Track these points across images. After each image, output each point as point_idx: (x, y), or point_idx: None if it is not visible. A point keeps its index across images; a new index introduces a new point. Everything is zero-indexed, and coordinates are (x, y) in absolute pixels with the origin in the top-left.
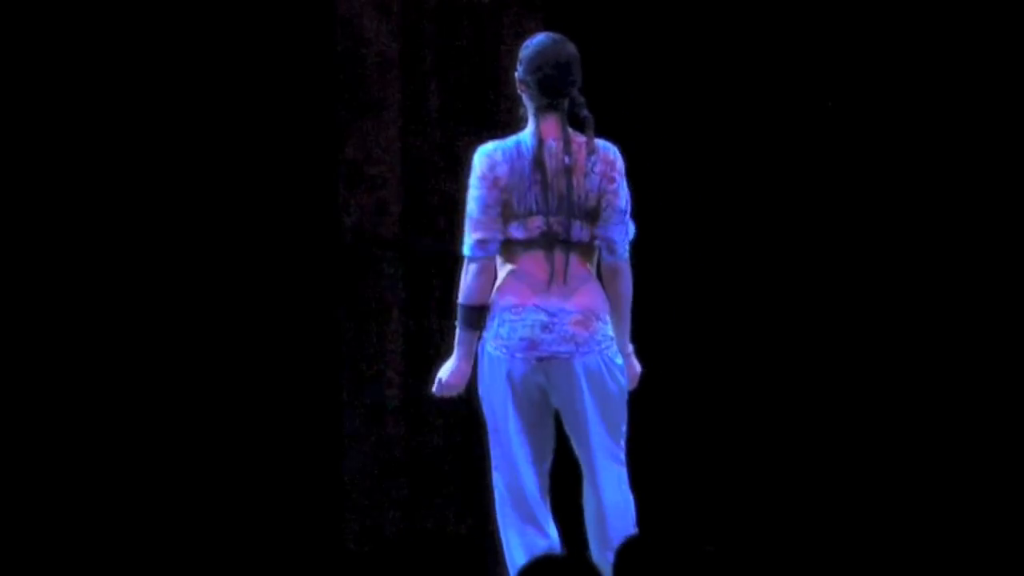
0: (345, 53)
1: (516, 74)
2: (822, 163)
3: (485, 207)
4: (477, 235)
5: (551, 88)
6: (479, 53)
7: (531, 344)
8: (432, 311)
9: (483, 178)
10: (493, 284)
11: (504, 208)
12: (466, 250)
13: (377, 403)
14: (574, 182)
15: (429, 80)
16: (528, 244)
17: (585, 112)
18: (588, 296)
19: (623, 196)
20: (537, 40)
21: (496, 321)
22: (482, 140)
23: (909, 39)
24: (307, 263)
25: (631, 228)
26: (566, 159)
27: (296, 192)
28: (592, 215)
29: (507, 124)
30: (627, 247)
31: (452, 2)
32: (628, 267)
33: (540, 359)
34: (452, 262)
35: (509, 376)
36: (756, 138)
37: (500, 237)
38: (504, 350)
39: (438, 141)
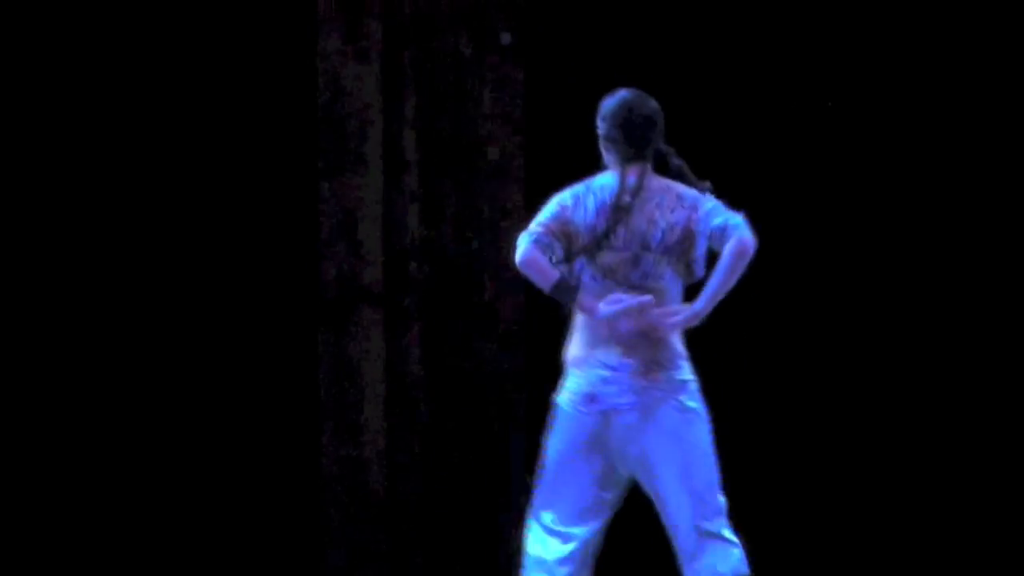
0: (326, 104)
1: (598, 130)
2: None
3: (550, 219)
4: (534, 228)
5: (637, 139)
6: (460, 103)
7: (591, 398)
8: (412, 361)
9: (554, 206)
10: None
11: (574, 245)
12: (523, 240)
13: (356, 454)
14: (636, 217)
15: (410, 130)
16: (598, 290)
17: (676, 160)
18: (651, 348)
19: (710, 208)
20: (619, 95)
21: (566, 374)
22: (462, 189)
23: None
24: (289, 314)
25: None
26: (625, 197)
27: (277, 244)
28: (678, 247)
29: (487, 173)
30: (740, 220)
31: (433, 52)
32: (745, 234)
33: (602, 412)
34: (432, 311)
35: (572, 430)
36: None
37: (553, 245)
38: (570, 404)
39: (419, 191)
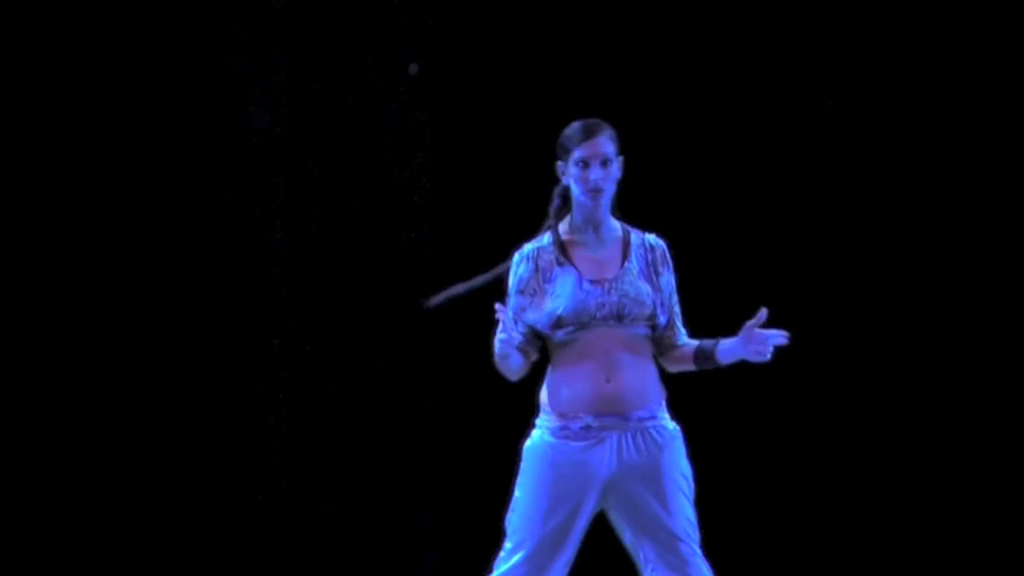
0: (232, 135)
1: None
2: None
3: None
4: None
5: None
6: (368, 133)
7: None
8: (326, 388)
9: None
10: None
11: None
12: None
13: (266, 497)
14: None
15: (314, 161)
16: None
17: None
18: None
19: None
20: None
21: None
22: (371, 220)
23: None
24: (200, 349)
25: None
26: None
27: (184, 275)
28: None
29: (396, 202)
30: None
31: (338, 84)
32: None
33: None
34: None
35: None
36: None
37: None
38: None
39: (326, 222)
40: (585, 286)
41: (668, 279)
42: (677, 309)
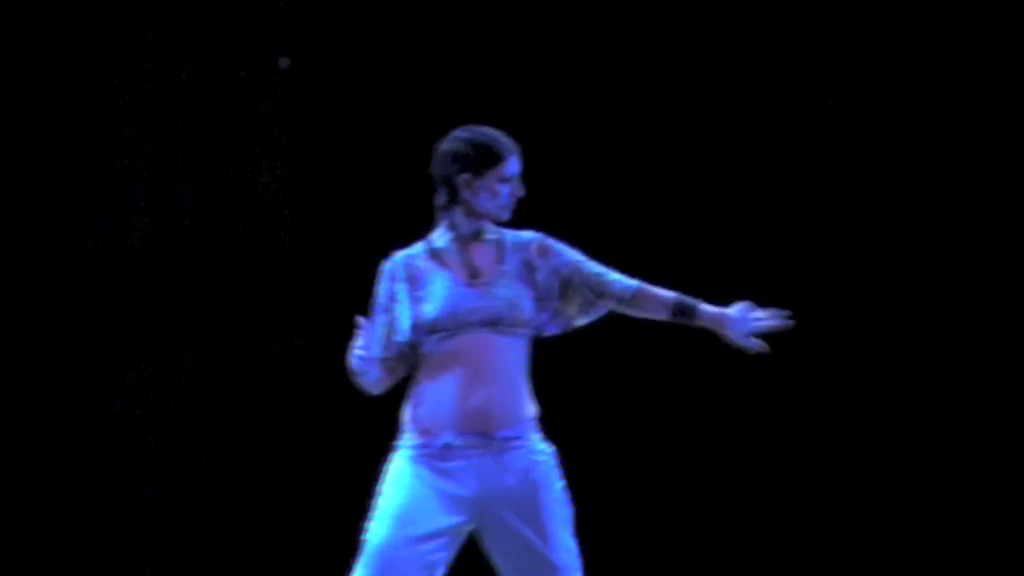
0: (96, 132)
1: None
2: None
3: None
4: None
5: None
6: (237, 128)
7: None
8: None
9: None
10: None
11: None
12: None
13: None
14: None
15: (182, 157)
16: None
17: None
18: None
19: None
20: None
21: None
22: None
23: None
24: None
25: None
26: None
27: (45, 278)
28: None
29: (264, 202)
30: None
31: (205, 76)
32: None
33: None
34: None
35: None
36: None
37: None
38: None
39: (192, 219)
40: (459, 290)
41: (558, 263)
42: (598, 268)
